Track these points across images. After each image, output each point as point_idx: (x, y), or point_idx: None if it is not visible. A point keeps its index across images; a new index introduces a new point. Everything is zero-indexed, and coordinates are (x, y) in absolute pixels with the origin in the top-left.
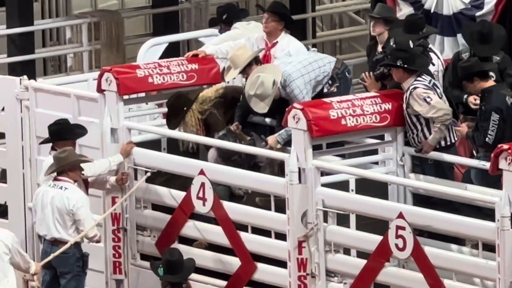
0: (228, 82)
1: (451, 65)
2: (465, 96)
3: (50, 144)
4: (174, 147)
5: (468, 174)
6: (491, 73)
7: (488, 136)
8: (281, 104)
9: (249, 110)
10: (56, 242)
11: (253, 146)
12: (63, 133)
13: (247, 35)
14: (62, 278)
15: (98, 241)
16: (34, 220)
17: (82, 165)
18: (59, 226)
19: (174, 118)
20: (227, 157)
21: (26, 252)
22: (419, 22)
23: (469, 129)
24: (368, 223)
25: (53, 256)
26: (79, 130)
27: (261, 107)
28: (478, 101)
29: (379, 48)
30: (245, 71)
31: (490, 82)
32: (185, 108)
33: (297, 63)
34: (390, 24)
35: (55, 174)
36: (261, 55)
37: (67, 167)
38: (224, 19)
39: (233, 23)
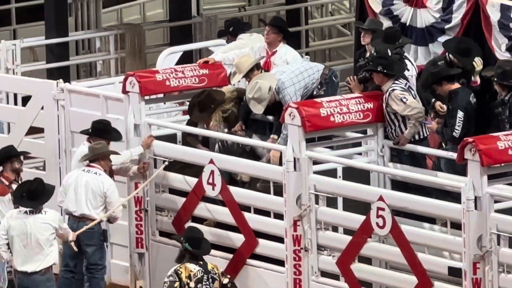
0: (234, 84)
1: (425, 71)
2: (433, 100)
3: (86, 136)
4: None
5: (438, 163)
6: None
7: (455, 131)
8: (279, 104)
9: (248, 111)
10: (83, 219)
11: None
12: (103, 133)
13: (250, 45)
14: (87, 248)
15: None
16: (60, 199)
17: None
18: (90, 205)
19: (200, 112)
20: (229, 152)
21: None
22: (396, 34)
23: (438, 125)
24: (353, 205)
25: (86, 228)
26: (115, 135)
27: (258, 108)
28: (444, 107)
29: (368, 55)
30: (248, 76)
31: (456, 85)
32: (212, 106)
33: (290, 73)
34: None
35: (87, 162)
36: (262, 62)
37: (100, 156)
38: (231, 31)
39: (238, 35)
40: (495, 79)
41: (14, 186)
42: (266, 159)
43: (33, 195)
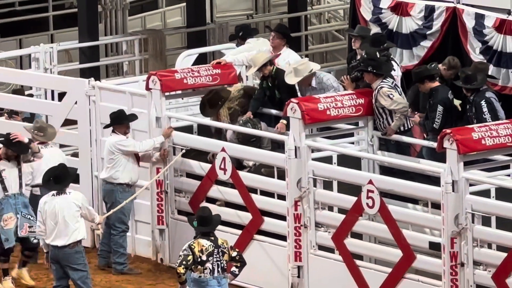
0: (246, 76)
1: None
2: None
3: (111, 128)
4: (203, 130)
5: (420, 151)
6: None
7: (435, 122)
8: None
9: (261, 103)
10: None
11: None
12: (120, 119)
13: (257, 48)
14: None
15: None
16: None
17: (134, 144)
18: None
19: (210, 108)
20: (247, 139)
21: (93, 207)
22: (381, 39)
23: (420, 119)
24: (346, 188)
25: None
26: (131, 117)
27: (291, 79)
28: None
29: (358, 57)
30: (261, 69)
31: (436, 83)
32: (219, 103)
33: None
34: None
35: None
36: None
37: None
38: (240, 36)
39: (246, 39)
40: (460, 82)
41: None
42: (275, 130)
43: (58, 179)
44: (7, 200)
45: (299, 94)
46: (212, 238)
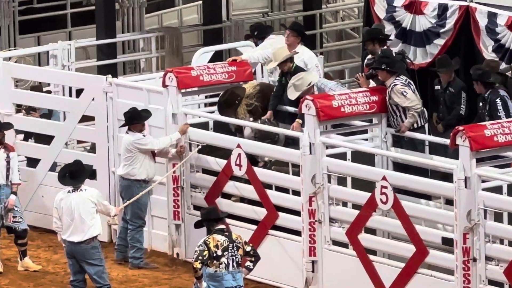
0: (268, 70)
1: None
2: None
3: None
4: (219, 127)
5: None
6: None
7: (461, 109)
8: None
9: (280, 100)
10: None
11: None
12: (133, 119)
13: (275, 45)
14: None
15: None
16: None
17: (151, 142)
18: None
19: (227, 108)
20: (264, 138)
21: (110, 203)
22: (377, 31)
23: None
24: (360, 184)
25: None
26: (145, 114)
27: (293, 94)
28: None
29: (369, 56)
30: (281, 65)
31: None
32: (236, 102)
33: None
34: (378, 41)
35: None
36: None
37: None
38: (256, 35)
39: (263, 38)
40: (475, 78)
41: None
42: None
43: (74, 175)
44: None
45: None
46: (227, 233)
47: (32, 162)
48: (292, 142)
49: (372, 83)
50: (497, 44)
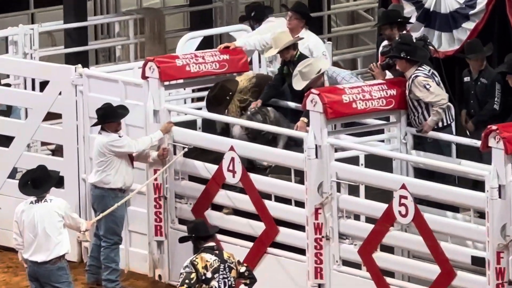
0: (266, 58)
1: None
2: None
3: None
4: (208, 126)
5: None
6: None
7: (495, 103)
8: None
9: (277, 92)
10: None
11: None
12: (108, 116)
13: (275, 29)
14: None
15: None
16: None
17: (129, 144)
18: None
19: (217, 106)
20: (257, 132)
21: (80, 216)
22: (395, 14)
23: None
24: (375, 193)
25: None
26: (121, 111)
27: (299, 84)
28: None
29: (385, 42)
30: (282, 53)
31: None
32: (227, 98)
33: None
34: (396, 25)
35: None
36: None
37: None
38: (253, 17)
39: (261, 19)
40: (507, 71)
41: None
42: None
43: (37, 183)
44: None
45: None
46: (217, 252)
47: None
48: (295, 144)
49: (389, 75)
50: None
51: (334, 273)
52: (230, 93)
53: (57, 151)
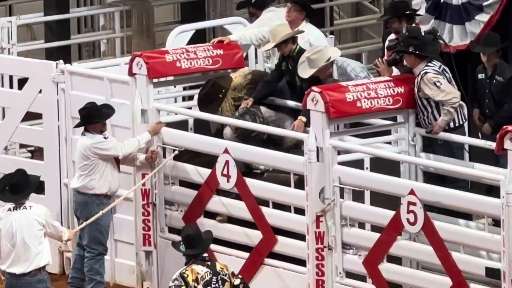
0: (263, 53)
1: None
2: None
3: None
4: (201, 127)
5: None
6: None
7: None
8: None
9: (273, 89)
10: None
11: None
12: (92, 117)
13: (277, 19)
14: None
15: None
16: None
17: (115, 147)
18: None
19: (209, 104)
20: (248, 134)
21: (62, 224)
22: (402, 5)
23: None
24: (381, 199)
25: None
26: (106, 111)
27: (306, 72)
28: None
29: (392, 36)
30: (280, 47)
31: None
32: (220, 96)
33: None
34: (404, 18)
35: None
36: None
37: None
38: (253, 3)
39: (263, 7)
40: None
41: None
42: (291, 127)
43: (16, 188)
44: None
45: None
46: (209, 263)
47: None
48: (294, 146)
49: (396, 71)
50: None
51: (337, 286)
52: (223, 91)
53: (37, 153)
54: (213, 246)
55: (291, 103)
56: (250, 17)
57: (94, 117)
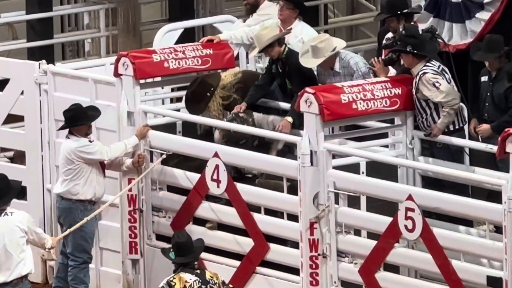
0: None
1: None
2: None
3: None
4: (189, 130)
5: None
6: None
7: None
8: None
9: (265, 92)
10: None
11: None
12: (77, 119)
13: (276, 14)
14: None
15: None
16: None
17: (100, 151)
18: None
19: (196, 104)
20: (235, 141)
21: (45, 231)
22: (399, 3)
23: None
24: (378, 205)
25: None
26: (92, 113)
27: (308, 61)
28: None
29: (389, 35)
30: (267, 51)
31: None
32: (208, 94)
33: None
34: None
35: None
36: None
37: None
38: None
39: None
40: None
41: None
42: (276, 127)
43: None
44: None
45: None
46: (198, 271)
47: None
48: (288, 150)
49: (393, 71)
50: None
51: None
52: (211, 89)
53: (17, 160)
54: (202, 254)
55: (283, 105)
56: (250, 7)
57: (79, 119)
